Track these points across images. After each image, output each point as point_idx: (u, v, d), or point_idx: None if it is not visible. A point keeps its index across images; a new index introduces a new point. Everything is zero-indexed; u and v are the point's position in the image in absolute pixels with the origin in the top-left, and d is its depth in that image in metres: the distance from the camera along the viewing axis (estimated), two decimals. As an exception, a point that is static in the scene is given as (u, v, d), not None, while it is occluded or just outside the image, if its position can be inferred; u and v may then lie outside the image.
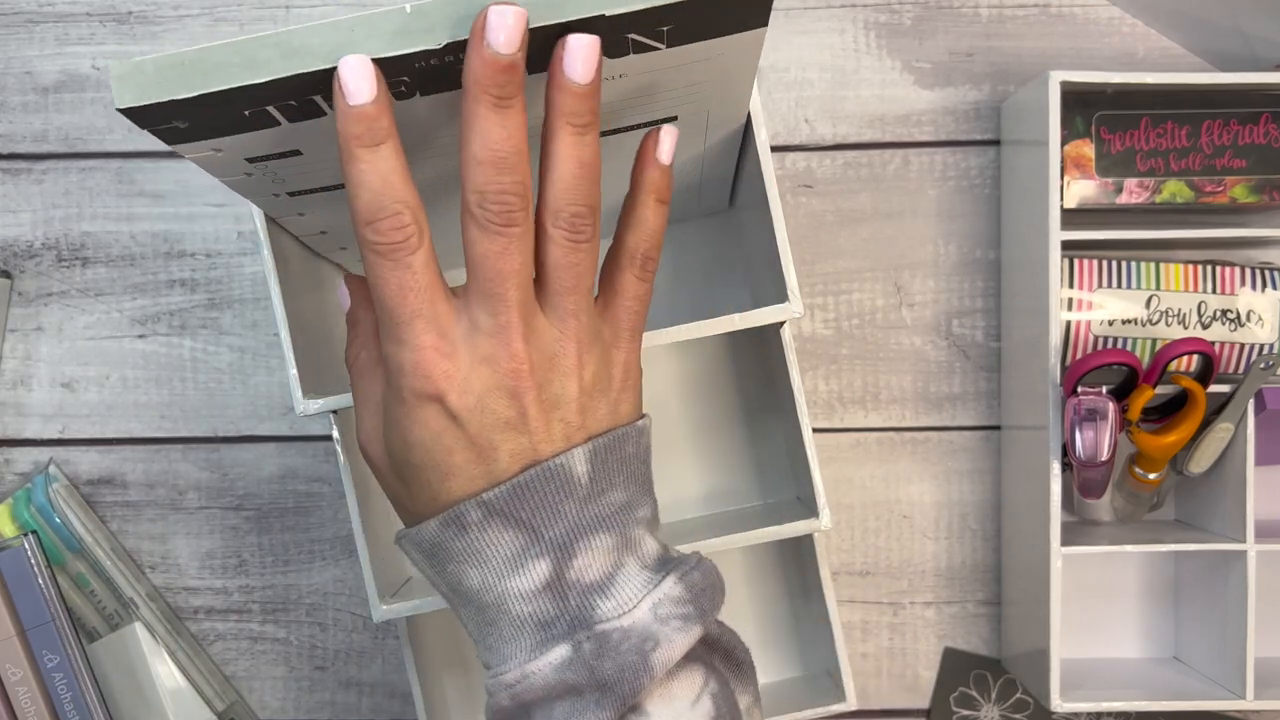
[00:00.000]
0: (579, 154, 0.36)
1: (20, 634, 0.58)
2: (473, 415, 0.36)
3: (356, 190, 0.35)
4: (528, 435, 0.37)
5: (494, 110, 0.34)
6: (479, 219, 0.35)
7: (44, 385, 0.68)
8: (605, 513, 0.38)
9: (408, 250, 0.35)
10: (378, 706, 0.70)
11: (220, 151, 0.39)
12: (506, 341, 0.36)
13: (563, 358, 0.38)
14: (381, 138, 0.35)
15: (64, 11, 0.67)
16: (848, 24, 0.68)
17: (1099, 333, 0.63)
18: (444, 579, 0.39)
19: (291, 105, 0.36)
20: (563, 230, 0.37)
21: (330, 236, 0.55)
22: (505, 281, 0.36)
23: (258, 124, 0.37)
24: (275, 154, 0.41)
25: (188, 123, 0.36)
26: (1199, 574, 0.67)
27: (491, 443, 0.37)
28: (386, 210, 0.35)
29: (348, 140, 0.35)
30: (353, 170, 0.35)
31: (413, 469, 0.38)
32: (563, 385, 0.38)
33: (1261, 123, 0.62)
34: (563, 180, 0.36)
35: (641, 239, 0.40)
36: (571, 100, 0.36)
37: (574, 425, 0.38)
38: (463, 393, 0.36)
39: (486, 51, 0.33)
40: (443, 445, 0.37)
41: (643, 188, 0.41)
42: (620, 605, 0.37)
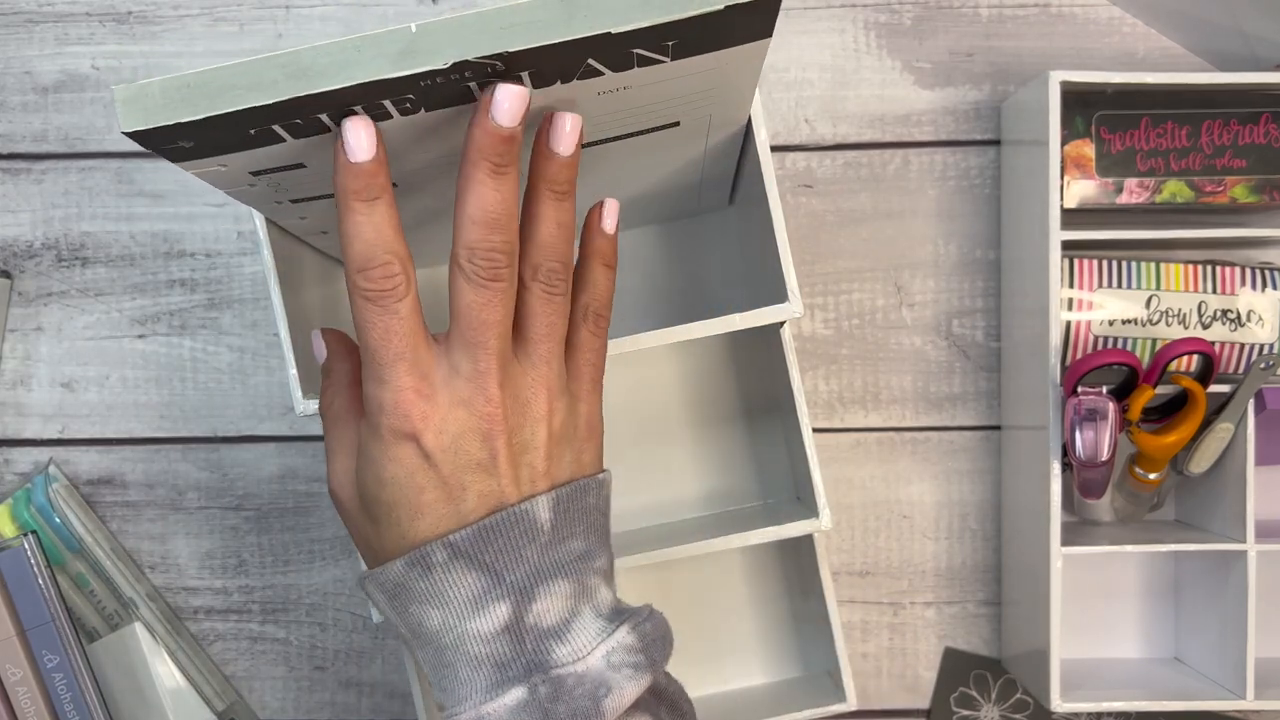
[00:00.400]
0: (558, 216, 0.40)
1: (20, 634, 0.58)
2: (446, 455, 0.38)
3: (351, 240, 0.37)
4: (496, 479, 0.39)
5: (491, 176, 0.37)
6: (467, 272, 0.38)
7: (44, 385, 0.68)
8: (565, 560, 0.40)
9: (395, 297, 0.38)
10: (378, 706, 0.70)
11: (225, 167, 0.39)
12: (484, 386, 0.38)
13: (534, 404, 0.40)
14: (378, 193, 0.37)
15: (64, 11, 0.67)
16: (848, 24, 0.68)
17: (1099, 333, 0.63)
18: (405, 620, 0.40)
19: (297, 124, 0.36)
20: (540, 284, 0.40)
21: (331, 236, 0.55)
22: (487, 330, 0.38)
23: (263, 141, 0.37)
24: (280, 167, 0.41)
25: (193, 142, 0.36)
26: (1199, 574, 0.67)
27: (462, 483, 0.38)
28: (378, 260, 0.37)
29: (346, 194, 0.37)
30: (349, 221, 0.37)
31: (384, 507, 0.39)
32: (533, 431, 0.40)
33: (1261, 123, 0.62)
34: (541, 239, 0.40)
35: (592, 298, 0.43)
36: (554, 169, 0.39)
37: (539, 471, 0.40)
38: (438, 433, 0.38)
39: (490, 124, 0.36)
40: (415, 483, 0.38)
41: (591, 253, 0.44)
42: (575, 651, 0.38)
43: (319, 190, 0.45)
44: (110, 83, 0.67)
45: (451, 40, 0.34)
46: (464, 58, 0.34)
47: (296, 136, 0.37)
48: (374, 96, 0.35)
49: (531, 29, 0.34)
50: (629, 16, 0.34)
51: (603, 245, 0.44)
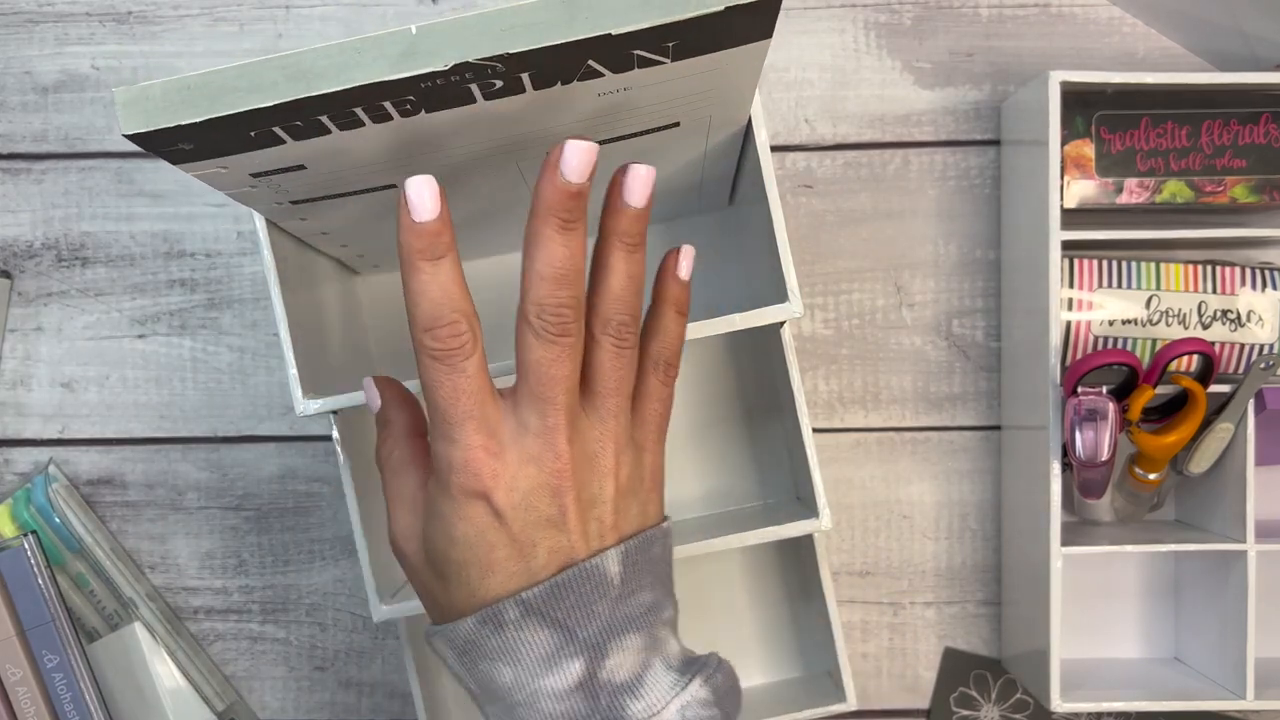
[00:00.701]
0: (628, 269, 0.39)
1: (20, 634, 0.58)
2: (516, 513, 0.38)
3: (417, 299, 0.37)
4: (566, 534, 0.39)
5: (560, 232, 0.37)
6: (536, 328, 0.38)
7: (44, 385, 0.68)
8: (635, 613, 0.39)
9: (463, 356, 0.37)
10: (378, 706, 0.69)
11: (226, 169, 0.39)
12: (552, 442, 0.38)
13: (602, 458, 0.40)
14: (443, 251, 0.37)
15: (64, 11, 0.67)
16: (848, 24, 0.68)
17: (1099, 333, 0.63)
18: (474, 677, 0.40)
19: (298, 125, 0.36)
20: (610, 337, 0.39)
21: (332, 236, 0.55)
22: (556, 386, 0.38)
23: (264, 143, 0.37)
24: (280, 169, 0.41)
25: (193, 144, 0.36)
26: (1199, 574, 0.67)
27: (532, 540, 0.38)
28: (445, 319, 0.37)
29: (412, 254, 0.37)
30: (415, 281, 0.37)
31: (454, 565, 0.39)
32: (600, 485, 0.40)
33: (1261, 123, 0.62)
34: (613, 292, 0.39)
35: (663, 347, 0.43)
36: (626, 222, 0.39)
37: (608, 525, 0.40)
38: (509, 490, 0.38)
39: (559, 180, 0.37)
40: (485, 541, 0.38)
41: (664, 300, 0.44)
42: (650, 707, 0.38)
43: (320, 192, 0.45)
44: (110, 83, 0.67)
45: (452, 42, 0.34)
46: (465, 59, 0.34)
47: (297, 138, 0.37)
48: (374, 98, 0.35)
49: (532, 30, 0.34)
50: (629, 17, 0.34)
51: (677, 292, 0.44)
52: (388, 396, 0.44)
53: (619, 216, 0.39)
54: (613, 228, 0.39)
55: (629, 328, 0.40)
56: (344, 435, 0.54)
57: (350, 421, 0.55)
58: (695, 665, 0.40)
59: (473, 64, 0.34)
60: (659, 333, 0.43)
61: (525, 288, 0.38)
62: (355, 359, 0.63)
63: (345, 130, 0.38)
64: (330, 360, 0.57)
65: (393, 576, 0.59)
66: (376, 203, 0.49)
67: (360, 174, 0.44)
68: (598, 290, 0.40)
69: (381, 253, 0.61)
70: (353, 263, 0.63)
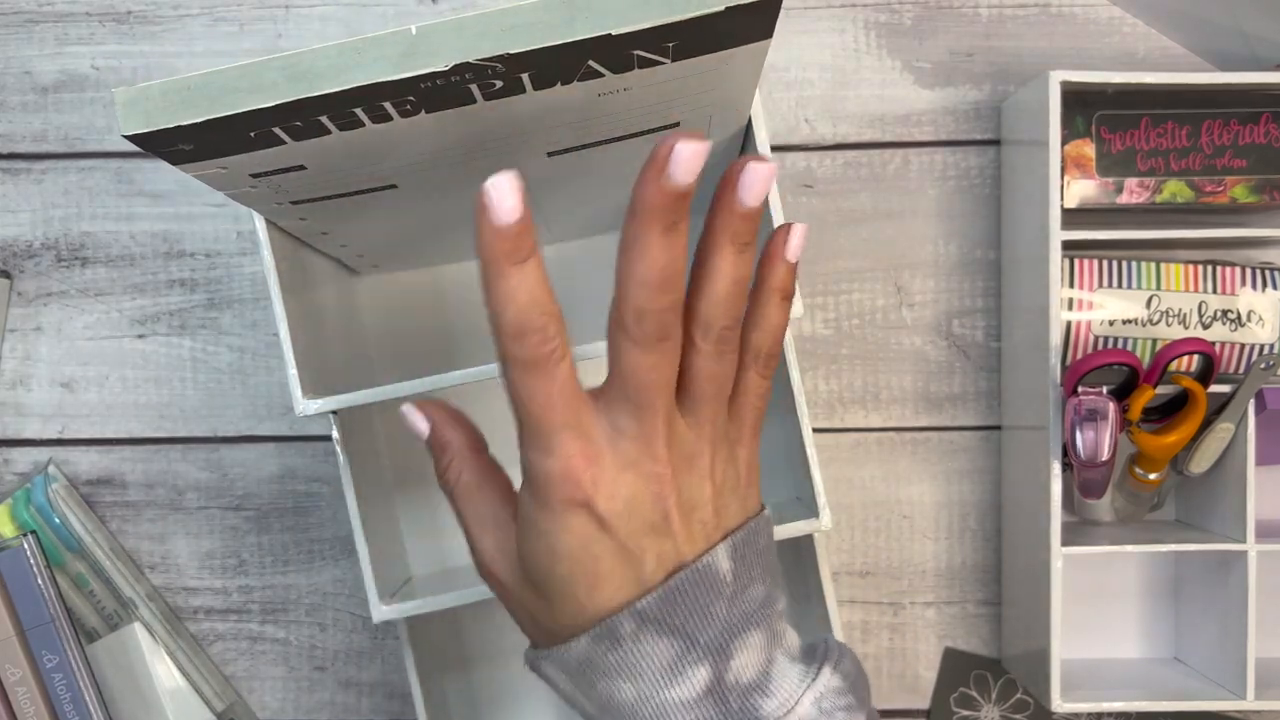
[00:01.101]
0: (735, 272, 0.37)
1: (20, 634, 0.58)
2: (620, 520, 0.36)
3: (504, 305, 0.35)
4: (671, 539, 0.37)
5: (663, 235, 0.35)
6: (634, 335, 0.35)
7: (43, 385, 0.68)
8: (751, 609, 0.38)
9: (554, 361, 0.35)
10: (377, 707, 0.69)
11: (226, 169, 0.39)
12: (651, 447, 0.36)
13: (699, 460, 0.38)
14: (528, 253, 0.34)
15: (64, 11, 0.67)
16: (848, 24, 0.68)
17: (1099, 333, 0.63)
18: (592, 697, 0.38)
19: (298, 126, 0.36)
20: (712, 344, 0.37)
21: (332, 236, 0.55)
22: (654, 392, 0.36)
23: (264, 144, 0.37)
24: (280, 169, 0.41)
25: (193, 145, 0.36)
26: (1199, 574, 0.67)
27: (640, 547, 0.37)
28: (534, 324, 0.35)
29: (496, 257, 0.34)
30: (500, 286, 0.34)
31: (558, 581, 0.37)
32: (699, 488, 0.38)
33: (1262, 122, 0.62)
34: (717, 296, 0.37)
35: (764, 337, 0.40)
36: (738, 222, 0.37)
37: (711, 525, 0.38)
38: (610, 498, 0.36)
39: (666, 182, 0.34)
40: (590, 553, 0.36)
41: (769, 286, 0.40)
42: (783, 703, 0.37)
43: (320, 192, 0.45)
44: (110, 83, 0.67)
45: (452, 42, 0.34)
46: (465, 59, 0.34)
47: (297, 139, 0.37)
48: (374, 98, 0.35)
49: (532, 30, 0.34)
50: (629, 18, 0.34)
51: (783, 277, 0.40)
52: (438, 418, 0.42)
53: (731, 215, 0.37)
54: (723, 227, 0.37)
55: (731, 331, 0.38)
56: (344, 435, 0.54)
57: (350, 421, 0.55)
58: (818, 653, 0.39)
59: (473, 64, 0.34)
60: (761, 322, 0.40)
61: (623, 292, 0.35)
62: (355, 359, 0.63)
63: (345, 131, 0.38)
64: (330, 360, 0.57)
65: (393, 576, 0.59)
66: (377, 203, 0.49)
67: (361, 175, 0.44)
68: (701, 293, 0.37)
69: (381, 253, 0.61)
70: (352, 263, 0.63)
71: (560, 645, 0.38)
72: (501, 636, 0.68)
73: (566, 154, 0.46)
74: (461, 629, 0.67)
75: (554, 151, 0.46)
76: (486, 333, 0.38)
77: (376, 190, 0.46)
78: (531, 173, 0.49)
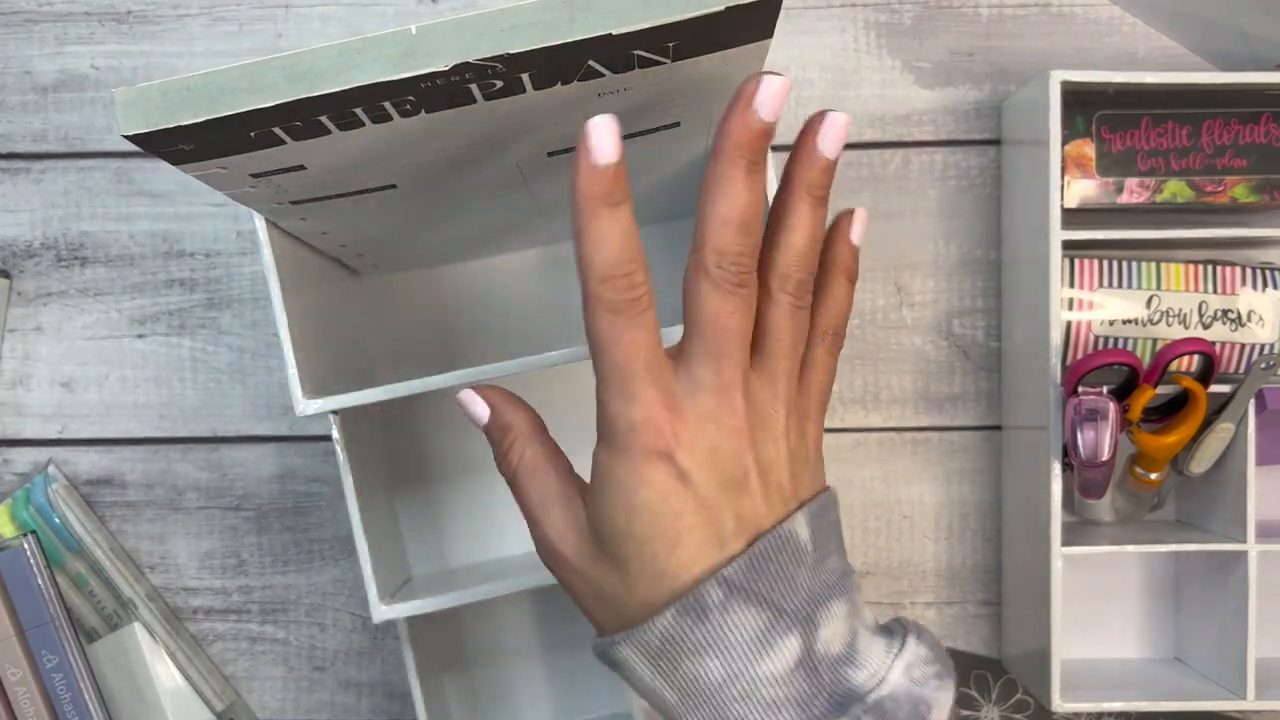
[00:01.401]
0: (813, 225, 0.37)
1: (20, 634, 0.58)
2: (701, 473, 0.35)
3: (596, 247, 0.35)
4: (750, 498, 0.36)
5: (747, 174, 0.35)
6: (715, 278, 0.35)
7: (43, 385, 0.68)
8: (832, 580, 0.37)
9: (641, 308, 0.35)
10: (377, 707, 0.69)
11: (226, 170, 0.39)
12: (729, 399, 0.36)
13: (773, 420, 0.37)
14: (623, 197, 0.35)
15: (63, 11, 0.67)
16: (848, 24, 0.68)
17: (1099, 333, 0.63)
18: (674, 682, 0.36)
19: (297, 125, 0.36)
20: (789, 295, 0.37)
21: (331, 236, 0.55)
22: (732, 340, 0.36)
23: (264, 144, 0.37)
24: (280, 169, 0.41)
25: (193, 145, 0.36)
26: (1199, 574, 0.67)
27: (719, 504, 0.36)
28: (624, 268, 0.35)
29: (591, 199, 0.34)
30: (593, 228, 0.34)
31: (635, 542, 0.36)
32: (775, 448, 0.37)
33: (1262, 122, 0.62)
34: (795, 248, 0.37)
35: (832, 315, 0.40)
36: (816, 174, 0.37)
37: (788, 491, 0.37)
38: (691, 449, 0.35)
39: (753, 118, 0.34)
40: (671, 508, 0.35)
41: (835, 265, 0.41)
42: (874, 674, 0.36)
43: (320, 192, 0.45)
44: (110, 83, 0.67)
45: (452, 42, 0.34)
46: (465, 59, 0.34)
47: (297, 139, 0.37)
48: (374, 98, 0.35)
49: (533, 30, 0.34)
50: (630, 18, 0.34)
51: (848, 257, 0.41)
52: (497, 401, 0.41)
53: (809, 167, 0.37)
54: (801, 177, 0.37)
55: (807, 286, 0.38)
56: (344, 435, 0.54)
57: (350, 421, 0.55)
58: (898, 627, 0.38)
59: (473, 64, 0.34)
60: (829, 300, 0.40)
61: (704, 234, 0.35)
62: (355, 359, 0.63)
63: (345, 130, 0.38)
64: (330, 360, 0.57)
65: (393, 576, 0.59)
66: (377, 203, 0.49)
67: (361, 175, 0.44)
68: (779, 244, 0.37)
69: (381, 252, 0.61)
70: (352, 262, 0.63)
71: (640, 624, 0.36)
72: (501, 636, 0.68)
73: (567, 154, 0.46)
74: (461, 629, 0.67)
75: (554, 151, 0.46)
76: (487, 332, 0.38)
77: (377, 190, 0.46)
78: (531, 172, 0.49)
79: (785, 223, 0.37)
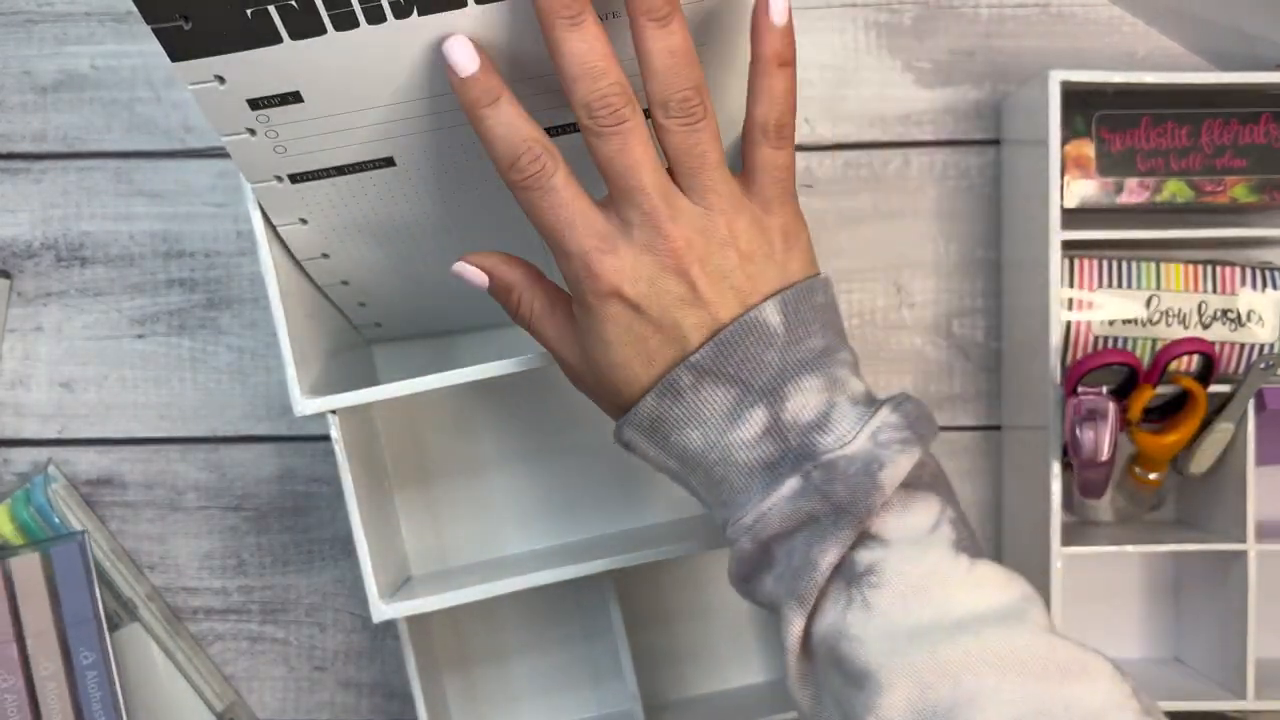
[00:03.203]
0: (666, 44, 0.39)
1: (59, 628, 0.58)
2: (650, 300, 0.40)
3: (491, 143, 0.40)
4: (703, 307, 0.40)
5: (570, 30, 0.38)
6: (592, 128, 0.39)
7: (43, 385, 0.68)
8: (807, 357, 0.40)
9: (547, 175, 0.40)
10: (377, 707, 0.69)
11: (224, 84, 0.40)
12: (657, 225, 0.39)
13: (713, 231, 0.40)
14: (496, 94, 0.40)
15: (63, 11, 0.67)
16: (848, 24, 0.68)
17: (1099, 333, 0.63)
18: (669, 451, 0.42)
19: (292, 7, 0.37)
20: (675, 118, 0.40)
21: (333, 262, 0.54)
22: (637, 172, 0.39)
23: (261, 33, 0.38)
24: (277, 96, 0.41)
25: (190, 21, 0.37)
26: (1199, 574, 0.67)
27: (675, 321, 0.40)
28: (519, 150, 0.39)
29: (470, 104, 0.40)
30: (482, 128, 0.40)
31: (618, 368, 0.41)
32: (723, 256, 0.40)
33: (1262, 122, 0.62)
34: (658, 71, 0.39)
35: (770, 109, 0.41)
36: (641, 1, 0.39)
37: (746, 290, 0.40)
38: (634, 281, 0.40)
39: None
40: (635, 334, 0.40)
41: (760, 56, 0.41)
42: (840, 438, 0.39)
43: (320, 161, 0.45)
44: (109, 83, 0.67)
45: None
46: None
47: (294, 35, 0.38)
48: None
49: None
50: None
51: (776, 43, 0.41)
52: (491, 264, 0.45)
53: None
54: (636, 7, 0.39)
55: (692, 101, 0.39)
56: (343, 435, 0.54)
57: (350, 421, 0.55)
58: (881, 399, 0.41)
59: None
60: (761, 95, 0.41)
61: (567, 95, 0.39)
62: (355, 359, 0.63)
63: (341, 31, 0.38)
64: (330, 360, 0.57)
65: (393, 576, 0.59)
66: (377, 192, 0.48)
67: (357, 129, 0.44)
68: (645, 77, 0.39)
69: (397, 319, 0.61)
70: (369, 332, 0.63)
71: (631, 410, 0.41)
72: (502, 636, 0.68)
73: (564, 135, 0.46)
74: (461, 629, 0.67)
75: (551, 129, 0.46)
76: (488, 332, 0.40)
77: (377, 167, 0.46)
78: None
79: (640, 55, 0.39)
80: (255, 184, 0.47)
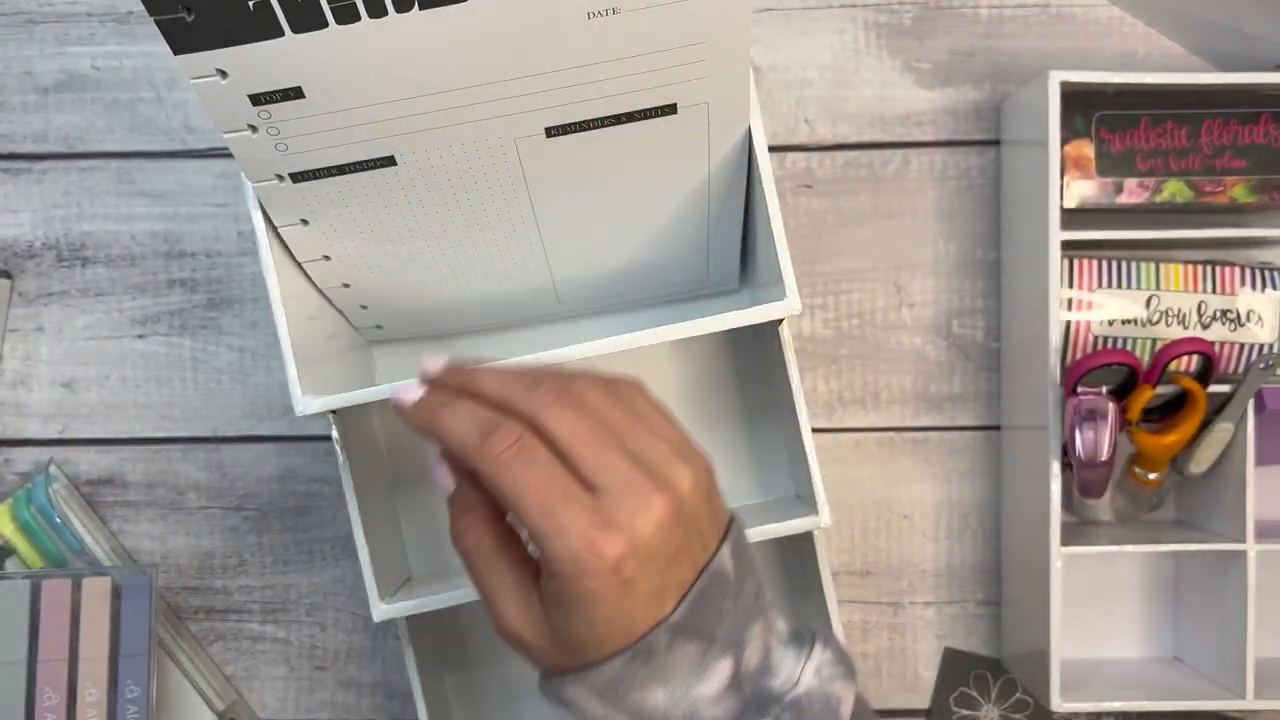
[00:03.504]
0: (461, 419, 0.39)
1: (112, 657, 0.58)
2: (644, 570, 0.37)
3: (455, 432, 0.38)
4: (681, 562, 0.38)
5: (449, 418, 0.39)
6: (496, 460, 0.37)
7: (44, 385, 0.68)
8: (750, 602, 0.40)
9: (528, 446, 0.37)
10: (378, 707, 0.70)
11: (226, 78, 0.40)
12: (639, 492, 0.37)
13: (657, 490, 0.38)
14: (447, 399, 0.39)
15: (64, 11, 0.67)
16: (848, 24, 0.68)
17: (1099, 333, 0.63)
18: (622, 709, 0.39)
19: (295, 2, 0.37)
20: (508, 451, 0.38)
21: (335, 264, 0.54)
22: (593, 446, 0.38)
23: (263, 25, 0.38)
24: (279, 91, 0.41)
25: (193, 12, 0.37)
26: (1199, 574, 0.67)
27: (663, 581, 0.38)
28: (487, 428, 0.38)
29: (425, 421, 0.40)
30: (444, 425, 0.39)
31: (598, 640, 0.38)
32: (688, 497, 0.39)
33: (1261, 123, 0.62)
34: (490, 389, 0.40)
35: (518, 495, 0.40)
36: None
37: (708, 535, 0.40)
38: (633, 554, 0.37)
39: (399, 410, 0.41)
40: (624, 609, 0.37)
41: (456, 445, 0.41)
42: (787, 679, 0.39)
43: (318, 156, 0.45)
44: (110, 83, 0.67)
45: None
46: None
47: (296, 28, 0.38)
48: None
49: None
50: None
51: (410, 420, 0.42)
52: (464, 472, 0.41)
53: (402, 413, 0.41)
54: None
55: (502, 439, 0.38)
56: (344, 435, 0.54)
57: (350, 421, 0.55)
58: (805, 634, 0.42)
59: None
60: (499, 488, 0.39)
61: (470, 463, 0.38)
62: (355, 359, 0.63)
63: (343, 24, 0.38)
64: (330, 360, 0.57)
65: (393, 576, 0.59)
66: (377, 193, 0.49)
67: (358, 127, 0.44)
68: None
69: (398, 321, 0.61)
70: (368, 332, 0.63)
71: (589, 668, 0.38)
72: (501, 636, 0.68)
73: (565, 136, 0.46)
74: (461, 628, 0.68)
75: (551, 129, 0.46)
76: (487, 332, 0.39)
77: (377, 166, 0.47)
78: (530, 164, 0.49)
79: None
80: (256, 183, 0.48)
